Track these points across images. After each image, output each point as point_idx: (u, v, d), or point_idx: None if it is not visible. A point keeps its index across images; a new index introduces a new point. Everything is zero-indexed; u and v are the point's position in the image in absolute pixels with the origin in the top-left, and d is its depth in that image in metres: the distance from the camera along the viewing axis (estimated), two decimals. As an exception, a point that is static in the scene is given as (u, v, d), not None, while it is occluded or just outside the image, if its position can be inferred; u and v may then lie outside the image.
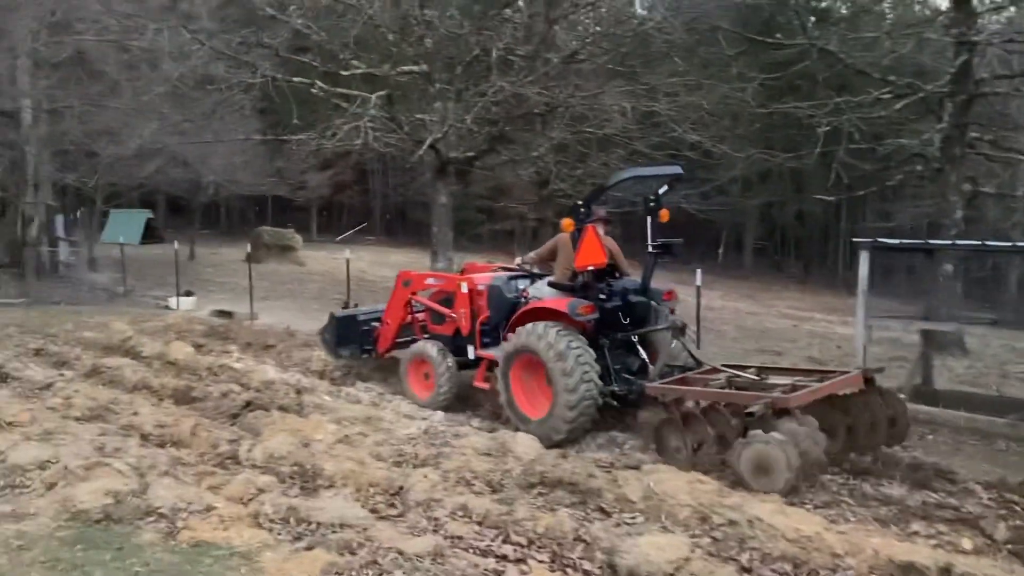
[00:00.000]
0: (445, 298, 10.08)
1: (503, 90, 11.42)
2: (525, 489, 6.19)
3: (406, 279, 10.55)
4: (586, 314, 8.06)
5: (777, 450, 6.28)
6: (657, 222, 8.41)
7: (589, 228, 8.23)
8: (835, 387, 7.30)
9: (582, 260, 8.23)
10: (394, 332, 10.69)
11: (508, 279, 9.51)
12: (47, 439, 7.04)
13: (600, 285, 8.49)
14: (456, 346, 9.66)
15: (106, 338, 13.28)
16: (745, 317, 24.76)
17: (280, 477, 6.38)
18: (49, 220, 25.30)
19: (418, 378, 9.81)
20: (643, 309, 8.53)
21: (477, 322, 9.44)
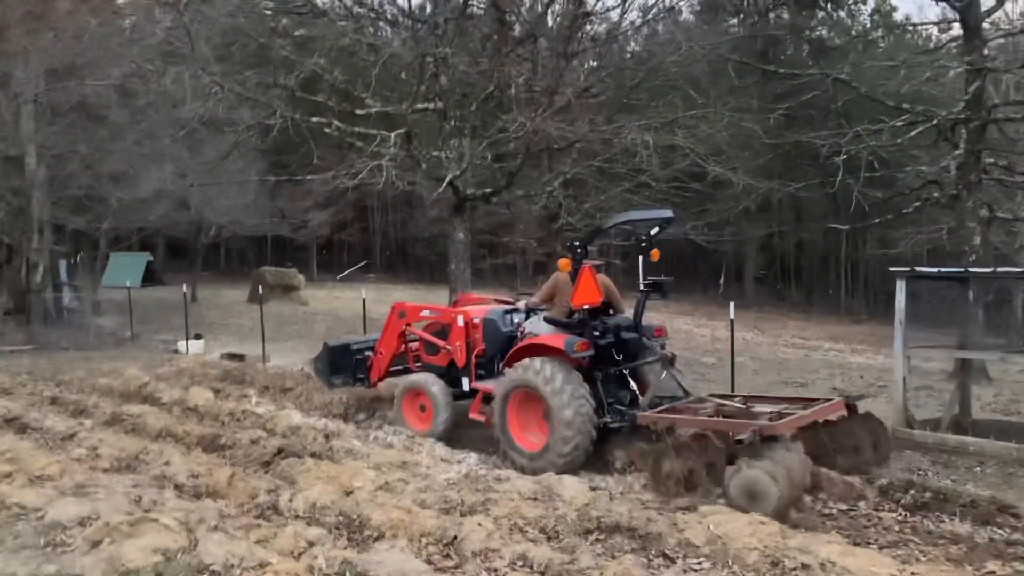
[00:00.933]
0: (440, 330, 10.36)
1: (523, 125, 11.35)
2: (582, 535, 5.99)
3: (401, 310, 10.84)
4: (582, 351, 8.38)
5: (766, 476, 6.50)
6: (649, 261, 8.77)
7: (585, 268, 8.55)
8: (819, 414, 7.69)
9: (579, 299, 8.55)
10: (388, 362, 10.97)
11: (503, 313, 9.80)
12: (82, 493, 6.83)
13: (595, 323, 8.76)
14: (451, 377, 9.95)
15: (122, 385, 13.08)
16: (756, 348, 24.56)
17: (327, 528, 6.17)
18: (54, 265, 25.14)
19: (413, 410, 10.01)
20: (635, 345, 8.92)
21: (472, 354, 9.71)
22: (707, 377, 15.95)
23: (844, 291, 49.10)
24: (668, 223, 9.17)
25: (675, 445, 7.25)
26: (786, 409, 7.69)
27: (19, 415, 10.63)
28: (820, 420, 7.74)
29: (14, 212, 22.77)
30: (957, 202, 14.47)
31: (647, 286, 8.93)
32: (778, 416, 7.38)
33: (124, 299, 24.22)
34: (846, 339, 32.40)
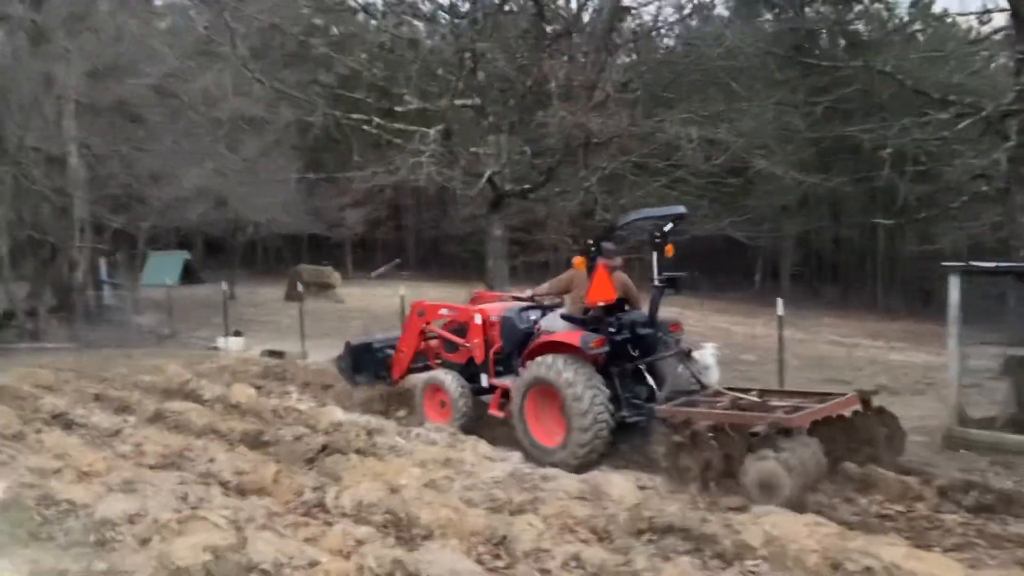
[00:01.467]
0: (458, 328, 10.51)
1: (562, 120, 11.23)
2: (634, 536, 5.87)
3: (420, 309, 11.06)
4: (597, 347, 8.47)
5: (780, 468, 6.63)
6: (663, 257, 8.83)
7: (600, 266, 8.61)
8: (834, 408, 7.75)
9: (593, 296, 8.64)
10: (408, 360, 11.15)
11: (520, 310, 9.95)
12: (129, 489, 6.84)
13: (610, 319, 8.83)
14: (469, 374, 10.13)
15: (164, 381, 13.15)
16: (794, 345, 24.15)
17: (375, 526, 6.11)
18: (95, 264, 25.45)
19: (434, 405, 10.19)
20: (651, 340, 8.99)
21: (491, 352, 9.88)
22: (748, 375, 15.69)
23: (881, 288, 48.35)
24: (681, 219, 9.22)
25: (692, 438, 7.34)
26: (801, 403, 7.77)
27: (65, 411, 10.71)
28: (835, 414, 7.79)
29: (57, 212, 23.07)
30: (1007, 196, 14.09)
31: (662, 281, 8.94)
32: (793, 410, 7.45)
33: (163, 297, 24.45)
34: (885, 336, 31.91)
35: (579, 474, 7.57)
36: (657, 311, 9.06)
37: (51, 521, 6.24)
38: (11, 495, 7.01)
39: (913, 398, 12.97)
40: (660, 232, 8.91)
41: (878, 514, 6.55)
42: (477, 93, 13.37)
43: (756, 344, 24.07)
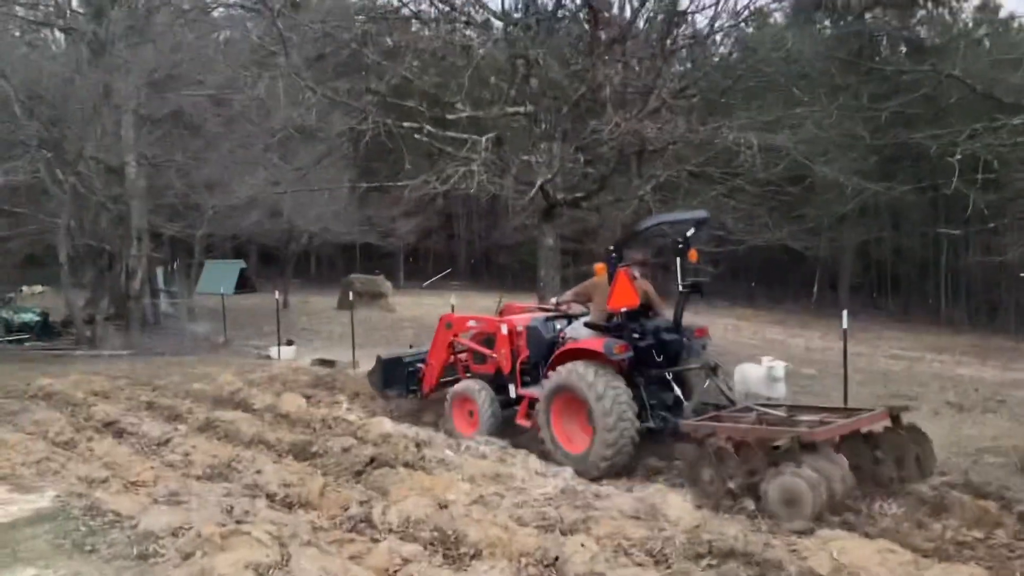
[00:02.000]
0: (486, 339, 10.56)
1: (618, 127, 10.98)
2: (692, 560, 5.58)
3: (448, 321, 11.16)
4: (621, 353, 8.46)
5: (803, 483, 6.54)
6: (687, 263, 8.75)
7: (621, 272, 8.61)
8: (860, 424, 7.60)
9: (615, 302, 8.65)
10: (438, 373, 11.23)
11: (545, 320, 10.04)
12: (174, 501, 6.74)
13: (633, 325, 8.82)
14: (497, 385, 10.11)
15: (215, 390, 13.16)
16: (855, 359, 23.49)
17: (422, 544, 5.90)
18: (151, 272, 25.82)
19: (462, 416, 10.26)
20: (676, 346, 8.95)
21: (518, 362, 9.91)
22: (809, 389, 15.23)
23: (944, 301, 47.00)
24: (703, 224, 9.16)
25: (715, 453, 7.28)
26: (827, 418, 7.68)
27: (116, 419, 10.73)
28: (862, 430, 7.63)
29: (115, 220, 23.47)
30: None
31: (686, 287, 8.92)
32: (819, 425, 7.34)
33: (218, 305, 24.71)
34: (949, 350, 30.93)
35: (631, 493, 7.29)
36: (682, 317, 9.07)
37: (96, 532, 6.15)
38: (59, 504, 6.97)
39: (985, 416, 12.43)
40: (683, 238, 8.80)
41: (954, 540, 6.14)
42: (529, 100, 13.18)
43: (814, 358, 23.47)
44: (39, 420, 10.66)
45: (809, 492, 6.51)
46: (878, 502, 7.04)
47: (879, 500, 7.06)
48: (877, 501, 7.04)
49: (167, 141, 23.19)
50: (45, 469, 8.19)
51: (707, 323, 33.89)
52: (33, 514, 6.72)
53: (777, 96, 15.99)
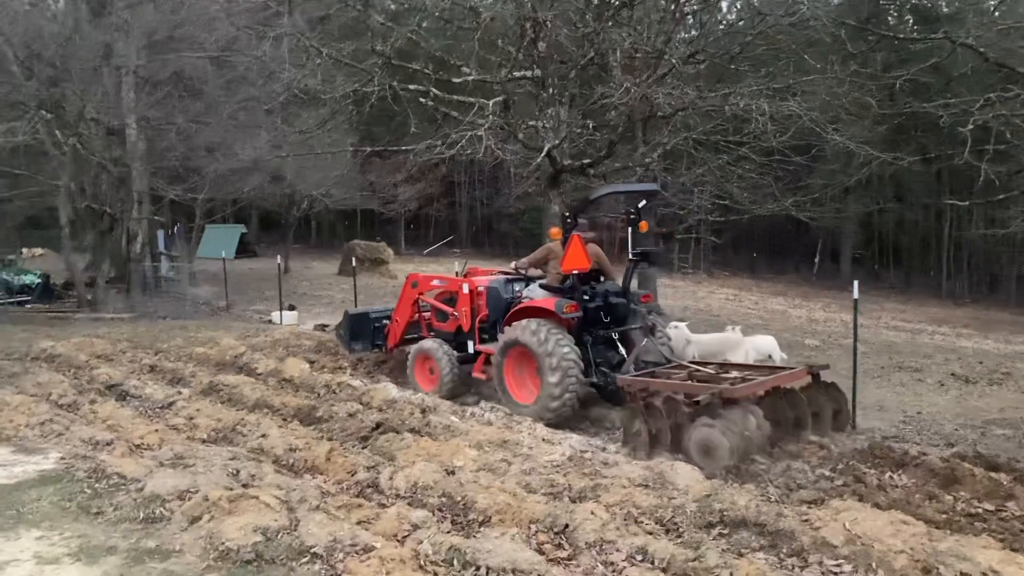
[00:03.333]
0: (449, 298, 11.21)
1: (627, 92, 10.79)
2: (703, 529, 5.53)
3: (414, 280, 11.75)
4: (571, 312, 9.06)
5: (719, 434, 7.09)
6: (637, 233, 9.37)
7: (574, 236, 9.10)
8: (779, 380, 8.18)
9: (567, 264, 9.15)
10: (403, 329, 11.82)
11: (505, 282, 10.57)
12: (180, 464, 6.69)
13: (584, 287, 9.45)
14: (458, 342, 10.79)
15: (218, 354, 13.10)
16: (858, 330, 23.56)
17: (430, 510, 5.86)
18: (152, 235, 25.68)
19: (423, 372, 10.89)
20: (623, 309, 9.59)
21: (477, 320, 10.56)
22: (813, 360, 15.18)
23: (945, 273, 46.86)
24: (653, 196, 10.05)
25: (645, 406, 7.81)
26: (750, 376, 8.23)
27: (119, 382, 10.68)
28: (782, 386, 8.18)
29: (115, 183, 23.28)
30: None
31: (636, 255, 9.54)
32: (740, 381, 7.86)
33: (219, 270, 24.59)
34: (950, 322, 30.91)
35: (643, 464, 7.23)
36: (630, 283, 9.74)
37: (101, 495, 6.10)
38: (63, 466, 6.93)
39: (991, 388, 12.40)
40: (635, 209, 9.51)
41: (966, 512, 6.10)
42: (537, 64, 12.96)
43: (817, 329, 23.45)
44: (42, 382, 10.60)
45: (724, 442, 7.06)
46: (888, 472, 7.00)
47: (889, 471, 7.01)
48: (888, 472, 6.99)
49: (168, 103, 22.90)
50: (49, 431, 8.15)
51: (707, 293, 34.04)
52: (38, 476, 6.68)
53: (787, 63, 15.74)
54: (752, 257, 50.95)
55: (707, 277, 44.19)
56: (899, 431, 9.35)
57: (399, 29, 12.21)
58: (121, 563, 4.90)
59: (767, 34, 14.09)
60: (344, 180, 31.68)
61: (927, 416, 10.32)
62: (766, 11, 13.68)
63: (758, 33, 13.45)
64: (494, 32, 13.18)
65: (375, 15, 12.06)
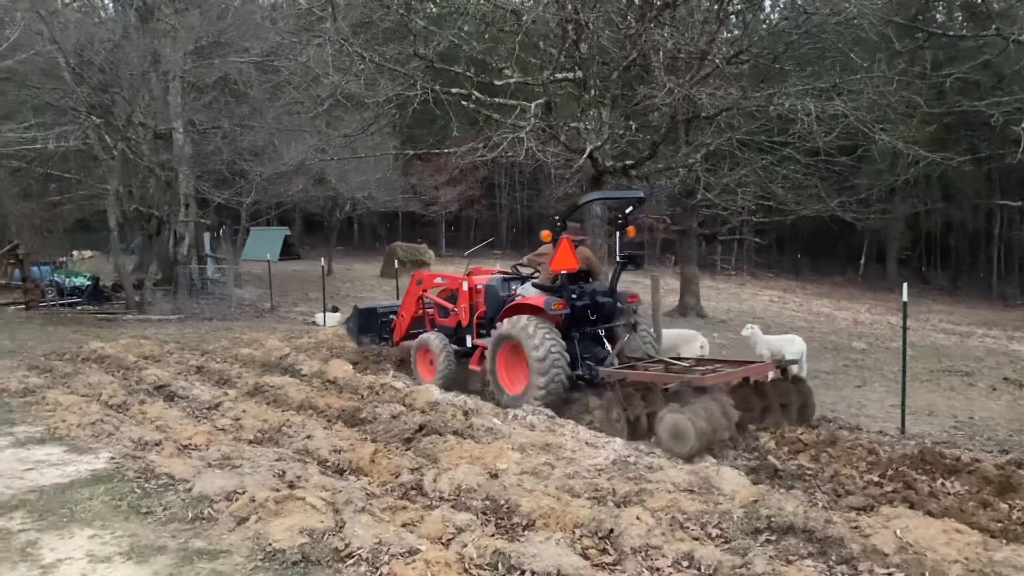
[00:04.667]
0: (450, 295, 11.74)
1: (670, 92, 10.71)
2: (751, 535, 5.45)
3: (419, 278, 12.43)
4: (558, 309, 9.61)
5: (686, 420, 7.64)
6: (625, 237, 9.99)
7: (563, 239, 9.67)
8: (747, 372, 8.79)
9: (556, 265, 9.76)
10: (408, 324, 12.47)
11: (502, 280, 11.08)
12: (227, 465, 6.77)
13: (573, 287, 9.94)
14: (459, 336, 11.34)
15: (263, 355, 13.27)
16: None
17: (474, 513, 5.86)
18: (198, 238, 26.07)
19: (424, 364, 11.45)
20: (609, 308, 10.03)
21: (475, 316, 11.10)
22: (859, 363, 14.99)
23: (996, 274, 45.87)
24: (641, 203, 10.40)
25: (622, 395, 8.46)
26: (720, 368, 8.77)
27: (167, 383, 10.84)
28: (750, 378, 8.83)
29: (163, 186, 23.67)
30: None
31: (623, 258, 10.02)
32: (711, 373, 8.41)
33: (263, 272, 24.93)
34: (1000, 325, 30.23)
35: (688, 464, 7.18)
36: (617, 283, 10.14)
37: (151, 494, 6.20)
38: (114, 466, 7.05)
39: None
40: (623, 214, 10.17)
41: (1022, 521, 5.94)
42: (578, 66, 12.92)
43: (862, 331, 23.09)
44: (92, 383, 10.82)
45: (691, 427, 7.59)
46: (939, 479, 6.86)
47: (941, 478, 6.87)
48: (939, 478, 6.85)
49: (214, 107, 23.28)
50: (100, 431, 8.30)
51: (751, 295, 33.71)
52: (90, 475, 6.81)
53: (832, 62, 15.52)
54: (796, 258, 50.37)
55: (750, 279, 43.79)
56: (950, 436, 9.17)
57: (441, 33, 12.23)
58: (171, 563, 4.97)
59: (812, 33, 13.90)
60: (386, 183, 31.95)
61: (979, 421, 10.11)
62: (812, 10, 13.48)
63: (803, 32, 13.27)
64: (535, 34, 13.16)
65: (417, 19, 12.06)
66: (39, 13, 18.81)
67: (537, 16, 12.12)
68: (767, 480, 7.01)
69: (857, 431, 9.21)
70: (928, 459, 7.32)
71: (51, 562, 5.02)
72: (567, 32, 12.07)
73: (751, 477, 6.92)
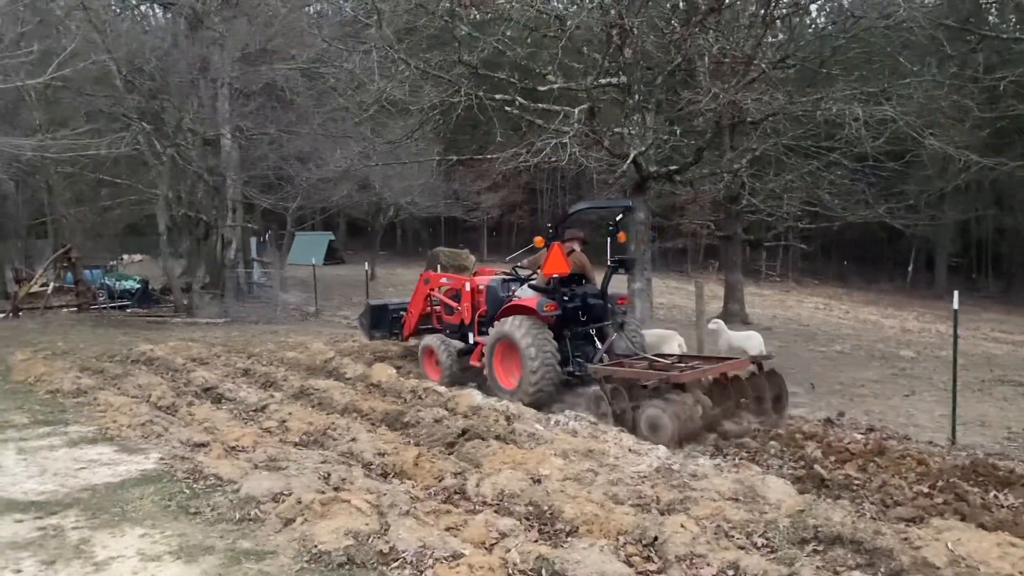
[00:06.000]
0: (455, 294, 12.33)
1: (715, 97, 10.64)
2: (797, 545, 5.38)
3: (426, 278, 13.09)
4: (550, 311, 10.26)
5: (661, 412, 8.38)
6: (616, 242, 10.57)
7: (555, 245, 10.30)
8: (724, 368, 9.45)
9: (548, 269, 10.37)
10: (416, 320, 13.10)
11: (503, 281, 11.64)
12: (274, 467, 6.85)
13: (565, 289, 10.62)
14: (462, 333, 11.98)
15: (308, 359, 13.42)
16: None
17: (517, 518, 5.86)
18: (245, 242, 26.45)
19: (431, 365, 12.07)
20: (599, 310, 10.68)
21: (476, 314, 11.68)
22: (908, 372, 14.72)
23: (1051, 282, 44.77)
24: (629, 212, 11.31)
25: (609, 390, 9.12)
26: (698, 365, 9.44)
27: (215, 385, 11.02)
28: (728, 374, 9.43)
29: (211, 191, 24.07)
30: None
31: (614, 262, 10.64)
32: (689, 369, 9.04)
33: (308, 276, 25.19)
34: (1055, 334, 29.49)
35: (732, 476, 7.10)
36: (607, 286, 10.78)
37: (199, 495, 6.30)
38: (163, 467, 7.18)
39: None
40: (613, 222, 10.74)
41: (1079, 536, 5.79)
42: (623, 71, 12.89)
43: (910, 339, 22.70)
44: (142, 384, 11.03)
45: (667, 420, 8.27)
46: (992, 491, 6.72)
47: (994, 490, 6.73)
48: (992, 490, 6.71)
49: (260, 114, 23.62)
50: (149, 432, 8.46)
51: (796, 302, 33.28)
52: (140, 475, 6.94)
53: (881, 66, 15.29)
54: (842, 265, 49.66)
55: (795, 286, 43.29)
56: (1003, 448, 8.96)
57: (484, 39, 12.28)
58: (219, 563, 5.04)
59: (859, 37, 13.70)
60: (429, 188, 32.16)
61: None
62: (860, 14, 13.30)
63: (851, 36, 13.09)
64: (579, 40, 13.15)
65: (461, 25, 12.12)
66: (93, 23, 19.25)
67: (581, 21, 12.12)
68: (813, 489, 6.92)
69: (906, 441, 9.04)
70: (980, 471, 7.17)
71: (104, 559, 5.13)
72: (611, 37, 12.04)
73: (797, 486, 6.83)
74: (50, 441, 8.29)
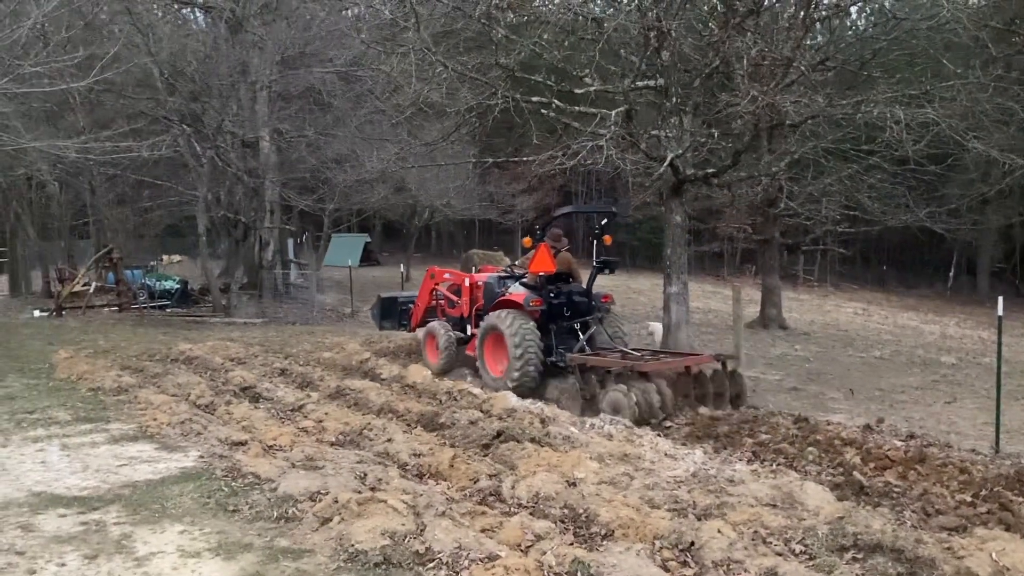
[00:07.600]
0: (456, 289, 13.26)
1: (754, 100, 10.55)
2: (836, 553, 5.31)
3: (431, 273, 14.01)
4: (535, 306, 11.15)
5: (622, 396, 9.59)
6: (602, 245, 11.50)
7: (542, 245, 11.28)
8: (686, 362, 10.52)
9: (534, 268, 11.33)
10: (422, 312, 14.08)
11: (499, 278, 12.42)
12: (311, 466, 6.90)
13: (551, 287, 11.49)
14: (462, 325, 12.88)
15: (344, 359, 13.52)
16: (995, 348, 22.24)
17: (552, 520, 5.86)
18: (282, 244, 26.72)
19: (432, 348, 12.86)
20: (583, 306, 11.56)
21: (474, 308, 12.62)
22: (949, 379, 14.50)
23: (1098, 289, 43.73)
24: (613, 216, 12.24)
25: (582, 377, 10.36)
26: (664, 358, 10.65)
27: (253, 385, 11.14)
28: (691, 369, 10.41)
29: (249, 193, 24.34)
30: None
31: (599, 263, 11.39)
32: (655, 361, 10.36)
33: (343, 277, 25.40)
34: (1101, 343, 28.84)
35: (770, 482, 7.03)
36: (592, 285, 11.64)
37: (238, 493, 6.37)
38: (203, 464, 7.27)
39: None
40: (599, 226, 11.74)
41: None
42: (660, 74, 12.83)
43: (951, 345, 22.32)
44: (181, 383, 11.18)
45: (626, 403, 9.47)
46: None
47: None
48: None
49: (299, 117, 23.86)
50: (188, 430, 8.57)
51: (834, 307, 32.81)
52: (180, 473, 7.04)
53: (923, 68, 15.07)
54: (881, 270, 48.98)
55: (834, 290, 42.79)
56: (1048, 457, 8.77)
57: (521, 41, 12.29)
58: (257, 560, 5.09)
59: (901, 39, 13.51)
60: (464, 190, 32.26)
61: (1080, 442, 9.64)
62: (902, 15, 13.11)
63: (892, 38, 12.91)
64: (616, 42, 13.11)
65: (498, 28, 12.14)
66: (137, 27, 19.56)
67: (619, 24, 12.08)
68: (852, 496, 6.83)
69: (947, 448, 8.87)
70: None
71: (144, 555, 5.20)
72: (649, 40, 11.97)
73: (836, 493, 6.74)
74: (92, 438, 8.44)
